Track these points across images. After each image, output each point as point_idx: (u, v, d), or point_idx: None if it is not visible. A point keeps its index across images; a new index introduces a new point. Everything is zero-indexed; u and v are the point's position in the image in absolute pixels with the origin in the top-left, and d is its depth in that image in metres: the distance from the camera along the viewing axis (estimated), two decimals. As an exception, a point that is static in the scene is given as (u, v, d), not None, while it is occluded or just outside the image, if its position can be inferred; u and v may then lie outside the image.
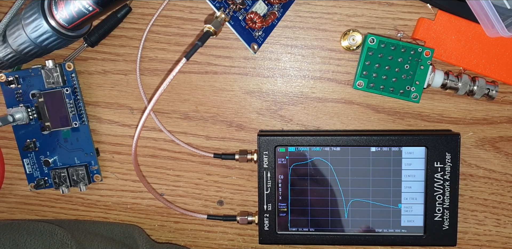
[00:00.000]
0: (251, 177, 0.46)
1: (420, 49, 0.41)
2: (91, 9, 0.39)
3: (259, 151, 0.43)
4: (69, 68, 0.44)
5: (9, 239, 0.41)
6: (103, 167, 0.47)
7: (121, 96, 0.46)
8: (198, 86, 0.45)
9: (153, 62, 0.45)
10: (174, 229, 0.48)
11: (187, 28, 0.44)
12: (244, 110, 0.45)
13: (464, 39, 0.42)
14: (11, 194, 0.48)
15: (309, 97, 0.45)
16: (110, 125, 0.46)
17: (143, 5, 0.44)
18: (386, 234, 0.43)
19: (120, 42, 0.45)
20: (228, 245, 0.48)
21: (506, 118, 0.44)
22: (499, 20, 0.38)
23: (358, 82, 0.42)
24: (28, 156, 0.46)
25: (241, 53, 0.44)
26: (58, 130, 0.45)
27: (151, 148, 0.46)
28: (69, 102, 0.44)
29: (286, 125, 0.45)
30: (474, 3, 0.40)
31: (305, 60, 0.44)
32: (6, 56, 0.41)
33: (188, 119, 0.46)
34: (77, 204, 0.48)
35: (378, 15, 0.43)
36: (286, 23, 0.44)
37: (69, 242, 0.42)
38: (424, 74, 0.41)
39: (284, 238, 0.44)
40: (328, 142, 0.43)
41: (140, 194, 0.47)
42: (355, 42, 0.43)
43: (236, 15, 0.41)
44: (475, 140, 0.45)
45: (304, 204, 0.43)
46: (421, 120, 0.45)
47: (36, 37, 0.40)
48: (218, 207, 0.47)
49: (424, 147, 0.42)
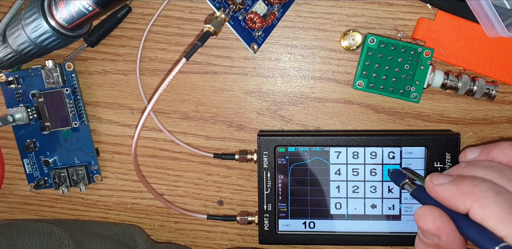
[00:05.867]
0: (251, 177, 0.46)
1: (420, 49, 0.41)
2: (91, 9, 0.39)
3: (259, 151, 0.43)
4: (69, 68, 0.44)
5: (7, 239, 0.41)
6: (103, 167, 0.47)
7: (121, 96, 0.46)
8: (198, 86, 0.45)
9: (153, 62, 0.45)
10: (174, 229, 0.48)
11: (187, 28, 0.44)
12: (244, 110, 0.45)
13: (464, 39, 0.42)
14: (11, 194, 0.48)
15: (309, 97, 0.45)
16: (110, 124, 0.46)
17: (143, 5, 0.44)
18: (386, 234, 0.43)
19: (120, 42, 0.45)
20: (228, 245, 0.48)
21: (506, 118, 0.44)
22: (499, 20, 0.38)
23: (358, 82, 0.42)
24: (28, 156, 0.46)
25: (241, 53, 0.44)
26: (58, 130, 0.45)
27: (151, 148, 0.46)
28: (69, 102, 0.44)
29: (286, 125, 0.45)
30: (474, 3, 0.40)
31: (305, 60, 0.44)
32: (6, 56, 0.41)
33: (188, 119, 0.46)
34: (77, 204, 0.48)
35: (378, 15, 0.43)
36: (286, 23, 0.44)
37: (67, 242, 0.42)
38: (424, 74, 0.41)
39: (284, 238, 0.44)
40: (328, 142, 0.43)
41: (140, 194, 0.47)
42: (355, 42, 0.43)
43: (236, 15, 0.41)
44: (475, 140, 0.45)
45: (304, 204, 0.43)
46: (421, 120, 0.45)
47: (36, 37, 0.40)
48: (218, 207, 0.47)
49: (424, 147, 0.42)
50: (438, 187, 0.32)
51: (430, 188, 0.33)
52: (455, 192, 0.31)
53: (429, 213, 0.31)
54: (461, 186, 0.31)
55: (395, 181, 0.41)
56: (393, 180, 0.41)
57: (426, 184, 0.33)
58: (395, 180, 0.41)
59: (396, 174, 0.41)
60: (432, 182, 0.33)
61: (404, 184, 0.39)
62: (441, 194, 0.32)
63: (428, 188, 0.33)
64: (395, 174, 0.41)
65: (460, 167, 0.34)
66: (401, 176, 0.40)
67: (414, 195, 0.37)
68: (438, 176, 0.33)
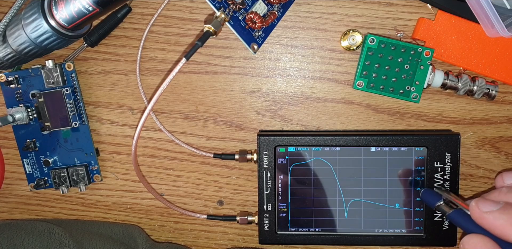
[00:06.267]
0: (251, 177, 0.46)
1: (420, 49, 0.41)
2: (91, 9, 0.39)
3: (259, 151, 0.43)
4: (69, 68, 0.44)
5: (7, 239, 0.41)
6: (103, 167, 0.47)
7: (121, 96, 0.46)
8: (198, 86, 0.45)
9: (153, 62, 0.45)
10: (174, 229, 0.48)
11: (187, 28, 0.44)
12: (244, 110, 0.45)
13: (464, 39, 0.42)
14: (11, 194, 0.48)
15: (309, 97, 0.45)
16: (110, 125, 0.46)
17: (143, 5, 0.44)
18: (386, 234, 0.43)
19: (120, 42, 0.45)
20: (228, 245, 0.48)
21: (506, 118, 0.44)
22: (499, 20, 0.38)
23: (358, 82, 0.42)
24: (28, 156, 0.46)
25: (241, 53, 0.44)
26: (58, 130, 0.45)
27: (151, 148, 0.46)
28: (69, 102, 0.44)
29: (286, 125, 0.45)
30: (474, 3, 0.40)
31: (305, 60, 0.44)
32: (6, 56, 0.42)
33: (188, 119, 0.46)
34: (77, 204, 0.48)
35: (378, 15, 0.43)
36: (286, 23, 0.44)
37: (67, 241, 0.42)
38: (424, 74, 0.41)
39: (284, 238, 0.44)
40: (328, 142, 0.43)
41: (140, 194, 0.47)
42: (355, 42, 0.43)
43: (236, 15, 0.41)
44: (475, 140, 0.45)
45: (304, 204, 0.43)
46: (421, 120, 0.45)
47: (36, 37, 0.40)
48: (218, 207, 0.47)
49: (424, 147, 0.42)
50: (486, 214, 0.31)
51: (477, 214, 0.31)
52: (506, 221, 0.30)
53: (481, 243, 0.30)
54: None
55: (428, 202, 0.40)
56: (426, 200, 0.40)
57: (472, 210, 0.32)
58: (428, 201, 0.40)
59: (429, 194, 0.40)
60: (479, 208, 0.31)
61: (439, 205, 0.38)
62: (491, 222, 0.31)
63: (475, 214, 0.32)
64: (427, 194, 0.40)
65: (502, 193, 0.33)
66: (435, 196, 0.39)
67: (453, 218, 0.35)
68: (484, 202, 0.32)
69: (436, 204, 0.38)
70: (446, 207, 0.38)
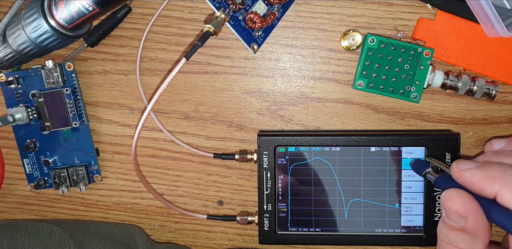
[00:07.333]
0: (251, 177, 0.46)
1: (420, 49, 0.41)
2: (91, 9, 0.39)
3: (259, 151, 0.43)
4: (69, 68, 0.44)
5: (7, 239, 0.41)
6: (103, 167, 0.47)
7: (121, 96, 0.46)
8: (198, 86, 0.45)
9: (153, 62, 0.45)
10: (174, 229, 0.48)
11: (187, 28, 0.44)
12: (244, 110, 0.45)
13: (464, 39, 0.42)
14: (11, 194, 0.48)
15: (309, 97, 0.45)
16: (110, 125, 0.46)
17: (143, 5, 0.44)
18: (386, 234, 0.43)
19: (120, 42, 0.45)
20: (228, 245, 0.48)
21: (506, 118, 0.44)
22: (499, 20, 0.38)
23: (358, 82, 0.42)
24: (28, 156, 0.46)
25: (241, 53, 0.44)
26: (58, 130, 0.45)
27: (151, 148, 0.46)
28: (69, 102, 0.44)
29: (286, 125, 0.45)
30: (474, 3, 0.40)
31: (305, 60, 0.44)
32: (6, 56, 0.42)
33: (188, 119, 0.46)
34: (77, 204, 0.48)
35: (378, 15, 0.43)
36: (286, 23, 0.44)
37: (67, 242, 0.42)
38: (424, 74, 0.41)
39: (284, 238, 0.44)
40: (328, 142, 0.43)
41: (140, 194, 0.47)
42: (355, 42, 0.43)
43: (236, 15, 0.41)
44: (475, 140, 0.45)
45: (304, 204, 0.43)
46: (421, 121, 0.45)
47: (36, 37, 0.40)
48: (218, 207, 0.47)
49: (424, 147, 0.42)
50: (464, 171, 0.32)
51: (457, 173, 0.32)
52: (483, 176, 0.30)
53: (457, 195, 0.31)
54: (488, 171, 0.30)
55: (416, 170, 0.41)
56: (415, 169, 0.41)
57: (452, 169, 0.33)
58: (416, 169, 0.41)
59: (418, 163, 0.41)
60: (458, 167, 0.32)
61: (426, 172, 0.39)
62: (468, 178, 0.31)
63: (454, 173, 0.32)
64: (417, 163, 0.41)
65: (486, 156, 0.34)
66: (423, 165, 0.40)
67: (438, 182, 0.36)
68: (464, 161, 0.33)
69: (424, 172, 0.39)
70: (434, 174, 0.38)
